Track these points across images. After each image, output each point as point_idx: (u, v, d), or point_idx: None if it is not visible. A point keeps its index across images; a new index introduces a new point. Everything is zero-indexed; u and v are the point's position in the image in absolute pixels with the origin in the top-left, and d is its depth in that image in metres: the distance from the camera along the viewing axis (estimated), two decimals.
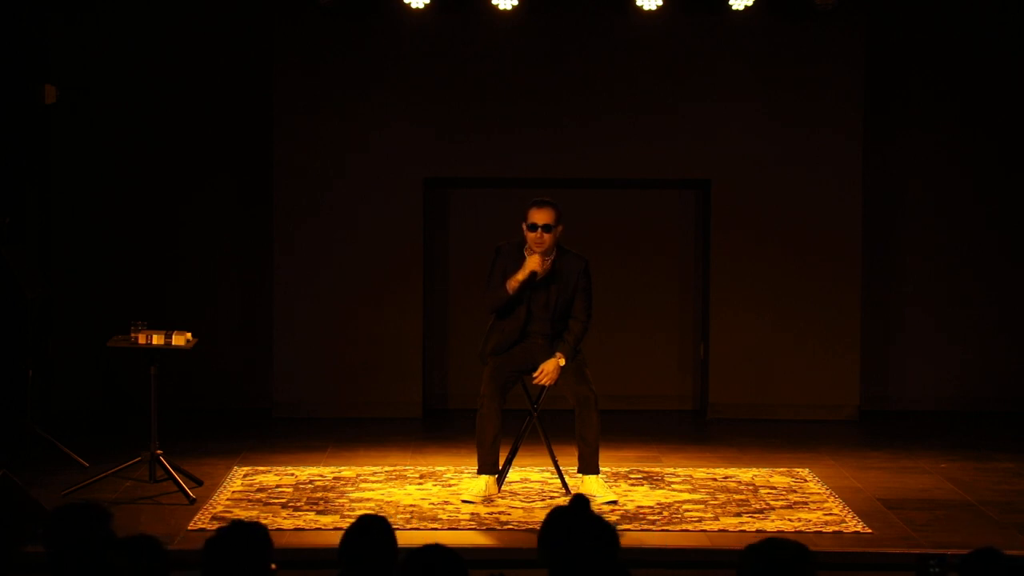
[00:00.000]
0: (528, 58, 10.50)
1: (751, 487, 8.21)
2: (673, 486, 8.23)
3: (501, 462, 7.89)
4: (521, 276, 7.76)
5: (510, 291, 7.78)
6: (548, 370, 7.76)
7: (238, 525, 4.29)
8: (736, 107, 10.49)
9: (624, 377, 10.70)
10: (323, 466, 8.71)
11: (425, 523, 7.33)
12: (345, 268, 10.52)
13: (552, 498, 7.88)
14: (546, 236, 7.76)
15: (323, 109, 10.45)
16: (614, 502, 7.70)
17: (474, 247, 10.44)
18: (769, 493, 8.08)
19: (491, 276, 7.91)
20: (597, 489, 7.75)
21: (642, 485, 8.24)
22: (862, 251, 10.58)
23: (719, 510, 7.67)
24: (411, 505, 7.73)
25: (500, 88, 10.48)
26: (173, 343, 7.82)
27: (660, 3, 10.14)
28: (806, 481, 8.37)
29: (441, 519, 7.44)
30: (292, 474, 8.47)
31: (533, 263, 7.74)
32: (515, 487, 8.08)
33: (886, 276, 10.95)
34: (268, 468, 8.62)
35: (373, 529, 4.43)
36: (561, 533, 4.17)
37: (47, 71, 10.45)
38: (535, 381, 7.84)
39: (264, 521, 7.24)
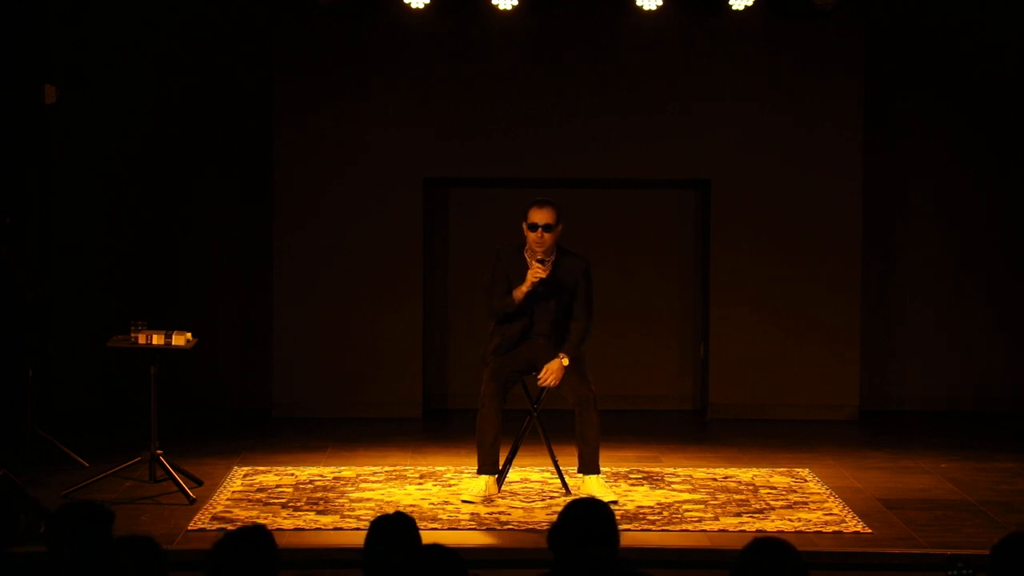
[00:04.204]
0: (528, 58, 10.50)
1: (751, 487, 8.21)
2: (673, 486, 8.23)
3: (501, 462, 7.89)
4: (526, 287, 7.75)
5: (516, 301, 7.79)
6: (552, 370, 7.76)
7: (244, 531, 4.28)
8: (736, 107, 10.49)
9: (624, 377, 10.70)
10: (323, 466, 8.71)
11: (425, 523, 7.32)
12: (345, 268, 10.52)
13: (552, 498, 7.88)
14: (547, 236, 7.75)
15: (323, 109, 10.46)
16: (614, 502, 7.70)
17: (474, 247, 10.44)
18: (769, 493, 8.08)
19: (493, 281, 7.91)
20: (597, 489, 7.75)
21: (642, 485, 8.24)
22: (862, 251, 10.59)
23: (719, 510, 7.67)
24: (411, 505, 7.73)
25: (500, 88, 10.48)
26: (173, 343, 7.82)
27: (660, 3, 10.14)
28: (806, 481, 8.37)
29: (441, 519, 7.44)
30: (292, 474, 8.47)
31: (536, 274, 7.71)
32: (515, 487, 8.08)
33: (886, 276, 10.95)
34: (268, 468, 8.62)
35: (397, 528, 4.44)
36: (574, 532, 4.18)
37: (47, 71, 10.45)
38: (540, 383, 7.83)
39: (264, 521, 7.26)
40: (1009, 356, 10.93)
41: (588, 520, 4.23)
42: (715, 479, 8.42)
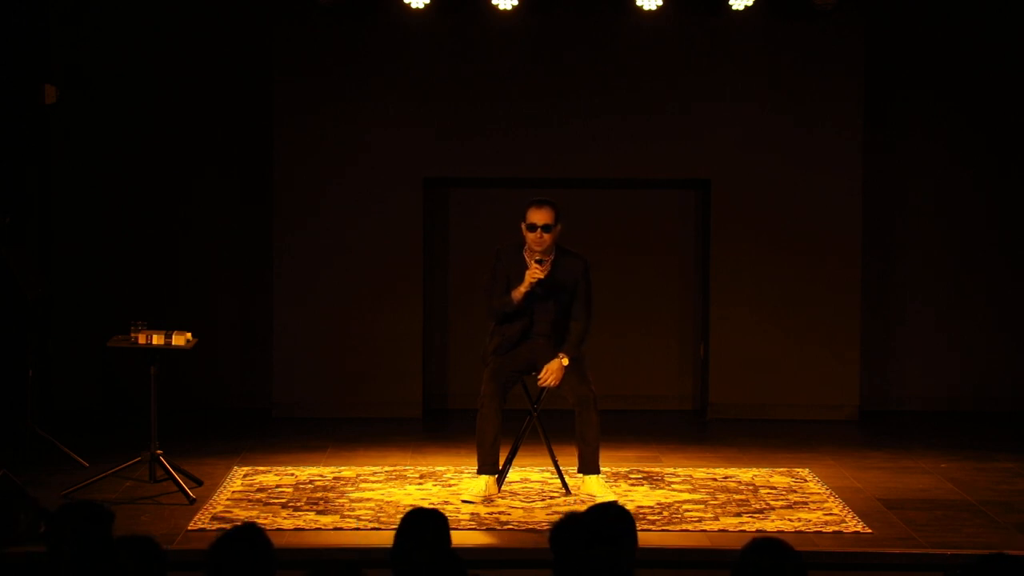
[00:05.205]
0: (528, 58, 10.50)
1: (751, 487, 8.21)
2: (673, 486, 8.23)
3: (501, 462, 7.89)
4: (524, 288, 7.75)
5: (515, 301, 7.78)
6: (552, 370, 7.76)
7: (239, 531, 4.29)
8: (736, 107, 10.49)
9: (624, 377, 10.70)
10: (323, 466, 8.71)
11: None
12: (345, 268, 10.52)
13: (552, 498, 7.88)
14: (546, 236, 7.75)
15: (323, 109, 10.45)
16: (614, 502, 7.69)
17: (474, 247, 10.44)
18: (769, 493, 8.08)
19: (493, 281, 7.91)
20: (597, 489, 7.75)
21: (642, 485, 8.24)
22: (862, 251, 10.59)
23: (719, 510, 7.67)
24: (411, 505, 7.71)
25: (500, 88, 10.48)
26: (173, 343, 7.82)
27: (660, 3, 10.14)
28: (806, 481, 8.37)
29: None
30: (292, 474, 8.47)
31: (534, 275, 7.71)
32: (515, 487, 8.08)
33: (886, 276, 10.95)
34: (268, 468, 8.62)
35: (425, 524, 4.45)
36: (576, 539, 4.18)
37: (47, 71, 10.45)
38: (540, 383, 7.83)
39: (264, 521, 7.25)
40: (1009, 356, 10.93)
41: (598, 521, 4.24)
42: (715, 479, 8.42)
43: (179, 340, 7.82)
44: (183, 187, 10.77)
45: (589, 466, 7.82)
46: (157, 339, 7.81)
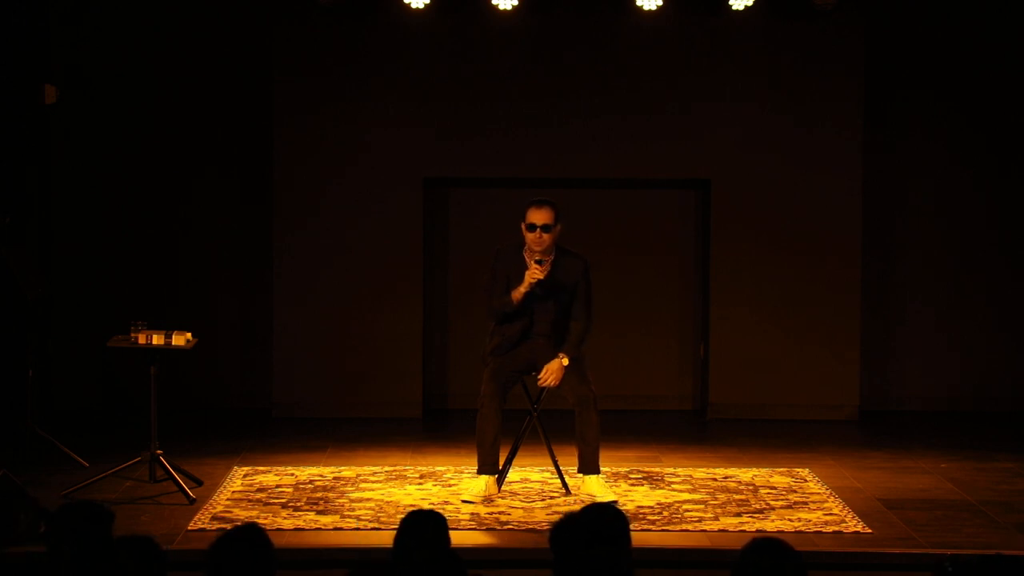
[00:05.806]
0: (528, 58, 10.50)
1: (751, 487, 8.21)
2: (673, 486, 8.23)
3: (501, 462, 7.89)
4: (524, 288, 7.75)
5: (515, 302, 7.78)
6: (552, 370, 7.76)
7: (240, 531, 4.29)
8: (736, 107, 10.49)
9: (624, 377, 10.70)
10: (323, 466, 8.71)
11: None
12: (345, 268, 10.52)
13: (552, 498, 7.88)
14: (545, 236, 7.75)
15: (323, 109, 10.46)
16: (614, 502, 7.70)
17: (474, 247, 10.44)
18: (769, 493, 8.08)
19: (493, 280, 7.91)
20: (597, 489, 7.75)
21: (642, 485, 8.24)
22: (862, 251, 10.59)
23: (719, 510, 7.67)
24: (411, 505, 7.71)
25: (500, 88, 10.48)
26: (173, 343, 7.82)
27: (660, 3, 10.14)
28: (806, 481, 8.37)
29: None
30: (292, 474, 8.47)
31: (534, 276, 7.71)
32: (515, 487, 8.08)
33: (886, 276, 10.95)
34: (268, 468, 8.62)
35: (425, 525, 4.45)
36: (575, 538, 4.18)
37: (47, 71, 10.45)
38: (540, 383, 7.83)
39: (264, 521, 7.25)
40: (1009, 356, 10.93)
41: (597, 521, 4.24)
42: (715, 479, 8.42)
43: (179, 340, 7.83)
44: (183, 187, 10.77)
45: (589, 466, 7.82)
46: (157, 339, 7.81)
